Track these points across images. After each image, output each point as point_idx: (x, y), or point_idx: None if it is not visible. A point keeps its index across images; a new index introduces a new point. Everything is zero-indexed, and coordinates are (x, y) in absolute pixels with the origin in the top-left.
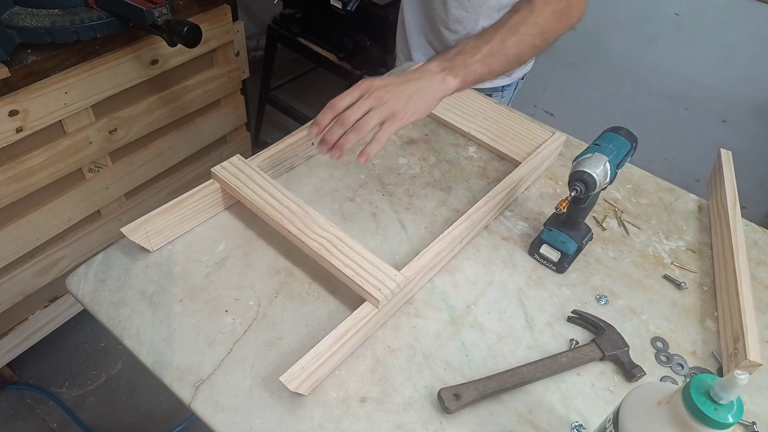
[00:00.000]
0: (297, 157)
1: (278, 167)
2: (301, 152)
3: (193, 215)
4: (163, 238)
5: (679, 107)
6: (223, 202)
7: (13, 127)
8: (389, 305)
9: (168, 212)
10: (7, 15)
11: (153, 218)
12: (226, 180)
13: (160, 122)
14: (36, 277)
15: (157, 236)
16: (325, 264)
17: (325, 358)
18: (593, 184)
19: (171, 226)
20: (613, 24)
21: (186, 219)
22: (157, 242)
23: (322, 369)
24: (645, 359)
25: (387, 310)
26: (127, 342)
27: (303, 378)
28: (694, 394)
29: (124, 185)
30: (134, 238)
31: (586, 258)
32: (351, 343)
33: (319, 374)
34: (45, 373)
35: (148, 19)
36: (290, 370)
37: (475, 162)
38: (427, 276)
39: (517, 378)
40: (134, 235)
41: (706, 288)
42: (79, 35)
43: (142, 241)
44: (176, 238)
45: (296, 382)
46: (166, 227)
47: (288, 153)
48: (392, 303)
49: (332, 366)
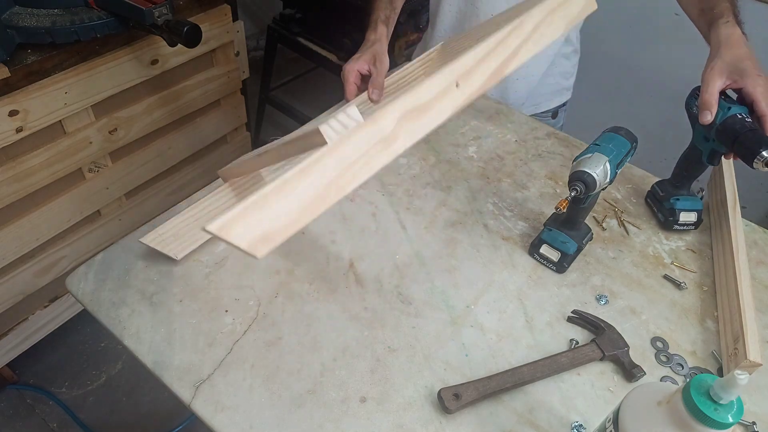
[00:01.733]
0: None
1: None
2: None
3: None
4: (182, 244)
5: (679, 107)
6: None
7: (13, 127)
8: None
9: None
10: (7, 15)
11: (167, 224)
12: (230, 167)
13: (160, 122)
14: (36, 277)
15: (175, 242)
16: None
17: (267, 198)
18: (593, 184)
19: (186, 230)
20: (613, 24)
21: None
22: (179, 249)
23: (266, 213)
24: (645, 359)
25: (355, 145)
26: (127, 342)
27: (249, 224)
28: (694, 394)
29: (124, 185)
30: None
31: (586, 258)
32: (305, 185)
33: (266, 221)
34: (45, 373)
35: (148, 19)
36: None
37: (475, 162)
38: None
39: (517, 378)
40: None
41: (706, 288)
42: (79, 35)
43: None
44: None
45: (239, 228)
46: (181, 232)
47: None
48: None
49: (279, 214)
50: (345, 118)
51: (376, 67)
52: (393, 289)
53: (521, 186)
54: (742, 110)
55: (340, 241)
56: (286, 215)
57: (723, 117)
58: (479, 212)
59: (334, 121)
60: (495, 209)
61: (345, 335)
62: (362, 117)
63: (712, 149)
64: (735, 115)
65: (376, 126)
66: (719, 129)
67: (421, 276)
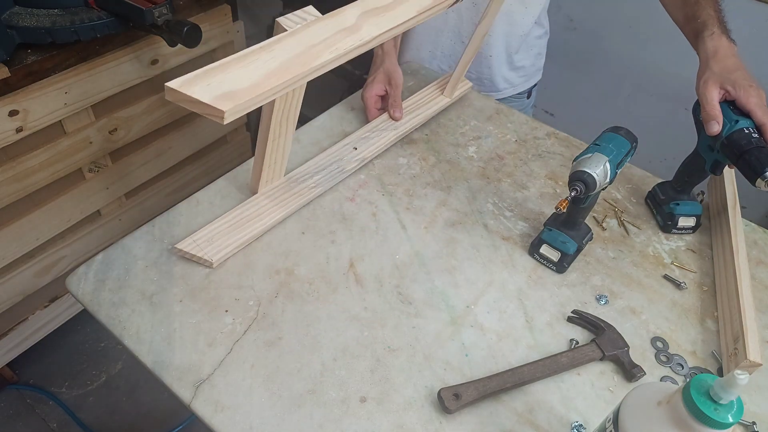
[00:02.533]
0: None
1: None
2: None
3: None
4: (216, 248)
5: (679, 107)
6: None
7: (13, 127)
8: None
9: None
10: (7, 15)
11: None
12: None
13: (160, 122)
14: (36, 277)
15: (209, 246)
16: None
17: (228, 65)
18: (593, 184)
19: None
20: (613, 24)
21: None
22: (213, 253)
23: (228, 76)
24: (645, 359)
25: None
26: (127, 342)
27: None
28: (694, 394)
29: (124, 185)
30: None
31: (586, 258)
32: (267, 58)
33: (228, 82)
34: (45, 373)
35: (148, 19)
36: (184, 77)
37: (475, 162)
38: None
39: (517, 378)
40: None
41: (706, 288)
42: (79, 35)
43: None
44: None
45: (200, 85)
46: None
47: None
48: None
49: (242, 77)
50: (303, 14)
51: (392, 85)
52: (393, 289)
53: (521, 186)
54: (749, 124)
55: (340, 241)
56: (248, 79)
57: (730, 130)
58: (479, 212)
59: (292, 16)
60: (495, 209)
61: (345, 335)
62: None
63: (715, 160)
64: (742, 129)
65: (337, 19)
66: (725, 142)
67: (421, 276)
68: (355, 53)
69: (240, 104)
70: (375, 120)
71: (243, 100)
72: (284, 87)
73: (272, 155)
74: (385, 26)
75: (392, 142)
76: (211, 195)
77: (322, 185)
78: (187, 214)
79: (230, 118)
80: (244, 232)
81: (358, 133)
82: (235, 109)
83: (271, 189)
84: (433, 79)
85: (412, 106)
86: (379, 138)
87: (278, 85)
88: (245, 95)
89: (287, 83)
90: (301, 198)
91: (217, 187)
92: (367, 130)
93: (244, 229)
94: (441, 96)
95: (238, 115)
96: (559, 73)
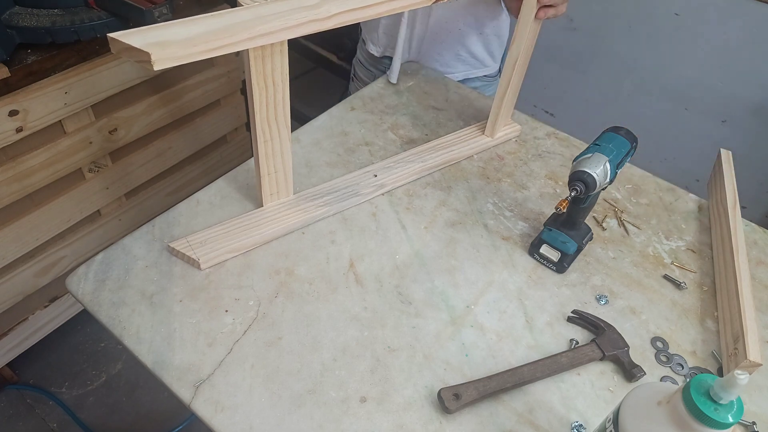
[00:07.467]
0: None
1: None
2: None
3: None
4: (209, 252)
5: (679, 107)
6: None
7: (13, 127)
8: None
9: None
10: (7, 15)
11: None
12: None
13: (160, 122)
14: (36, 277)
15: (201, 248)
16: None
17: (171, 25)
18: (593, 184)
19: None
20: (613, 24)
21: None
22: (202, 254)
23: (167, 32)
24: (645, 359)
25: None
26: (127, 342)
27: None
28: (694, 394)
29: (124, 185)
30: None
31: (586, 258)
32: (213, 20)
33: (166, 35)
34: (45, 373)
35: (148, 19)
36: (125, 31)
37: (475, 162)
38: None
39: (517, 378)
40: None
41: (706, 288)
42: (79, 35)
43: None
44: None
45: (137, 37)
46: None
47: None
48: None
49: (181, 32)
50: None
51: None
52: (393, 289)
53: (521, 186)
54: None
55: (340, 241)
56: (186, 34)
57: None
58: (479, 212)
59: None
60: (495, 209)
61: (345, 335)
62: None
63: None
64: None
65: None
66: None
67: (421, 276)
68: (310, 27)
69: (169, 51)
70: (404, 153)
71: (173, 49)
72: (221, 46)
73: (269, 160)
74: (346, 6)
75: (417, 176)
76: (211, 195)
77: (331, 205)
78: (186, 214)
79: (160, 65)
80: (237, 239)
81: (382, 163)
82: (164, 54)
83: (278, 204)
84: (434, 79)
85: (448, 143)
86: (403, 169)
87: (215, 42)
88: (178, 46)
89: (226, 44)
90: (306, 215)
91: (217, 187)
92: (392, 161)
93: (239, 238)
94: (482, 135)
95: (168, 64)
96: (559, 73)
